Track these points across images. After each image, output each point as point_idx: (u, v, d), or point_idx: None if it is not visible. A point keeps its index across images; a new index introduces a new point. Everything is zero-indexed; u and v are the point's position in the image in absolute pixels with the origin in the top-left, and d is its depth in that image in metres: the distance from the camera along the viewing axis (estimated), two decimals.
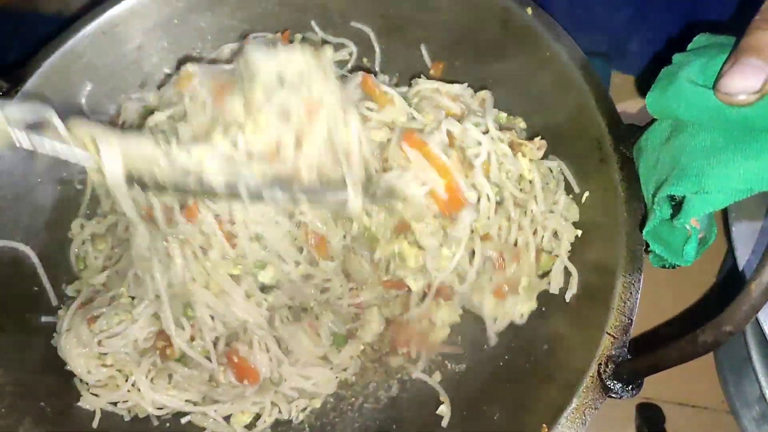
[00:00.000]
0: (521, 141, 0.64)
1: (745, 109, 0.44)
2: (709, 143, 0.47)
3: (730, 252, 0.56)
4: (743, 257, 0.54)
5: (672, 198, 0.49)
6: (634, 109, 0.81)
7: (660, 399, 0.71)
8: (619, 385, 0.49)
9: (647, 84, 0.53)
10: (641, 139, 0.56)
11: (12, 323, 0.62)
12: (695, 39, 0.53)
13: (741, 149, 0.45)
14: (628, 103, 0.81)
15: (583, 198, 0.63)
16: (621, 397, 0.49)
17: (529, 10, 0.64)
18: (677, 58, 0.52)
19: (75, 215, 0.69)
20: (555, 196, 0.63)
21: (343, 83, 0.61)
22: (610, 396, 0.49)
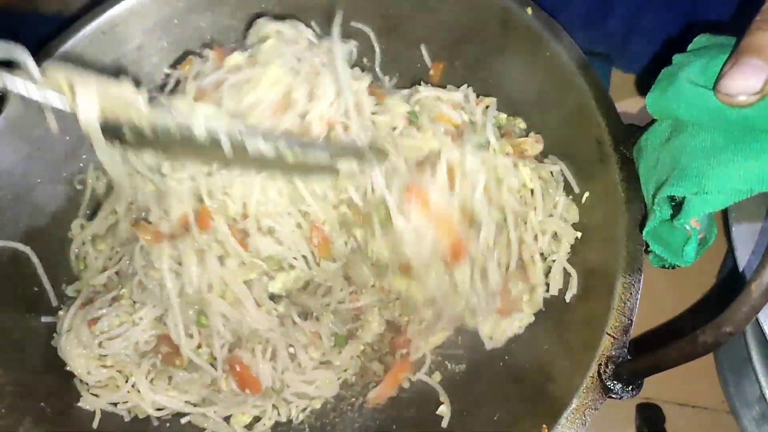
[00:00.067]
0: (520, 140, 0.64)
1: (746, 110, 0.44)
2: (710, 144, 0.47)
3: (730, 252, 0.56)
4: (743, 258, 0.54)
5: (672, 198, 0.49)
6: (634, 109, 0.81)
7: (660, 399, 0.71)
8: (619, 386, 0.49)
9: (647, 84, 0.52)
10: (641, 140, 0.55)
11: (12, 323, 0.62)
12: (695, 39, 0.53)
13: (741, 150, 0.45)
14: (628, 103, 0.81)
15: (583, 198, 0.62)
16: (621, 398, 0.49)
17: (529, 10, 0.64)
18: (677, 58, 0.52)
19: (75, 215, 0.69)
20: (554, 198, 0.63)
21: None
22: (610, 396, 0.49)
